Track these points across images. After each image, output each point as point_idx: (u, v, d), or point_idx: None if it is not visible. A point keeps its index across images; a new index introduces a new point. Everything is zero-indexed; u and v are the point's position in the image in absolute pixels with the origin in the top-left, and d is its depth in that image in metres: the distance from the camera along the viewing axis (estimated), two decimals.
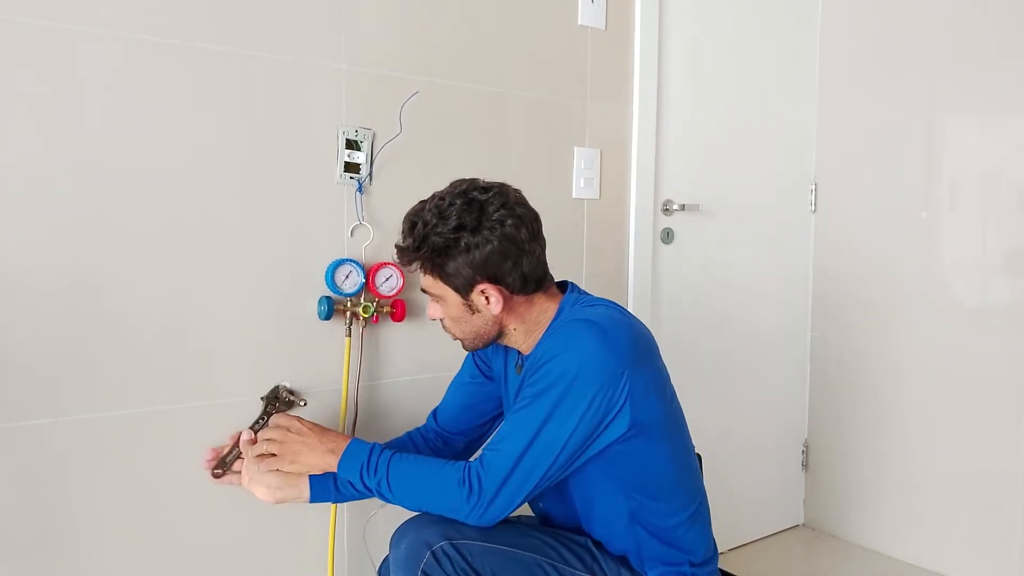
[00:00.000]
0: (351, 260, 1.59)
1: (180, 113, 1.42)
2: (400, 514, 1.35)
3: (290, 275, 1.56)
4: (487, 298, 1.29)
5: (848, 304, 2.49)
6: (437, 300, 1.33)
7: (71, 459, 1.36)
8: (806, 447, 2.62)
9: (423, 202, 1.31)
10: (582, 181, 1.97)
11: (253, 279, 1.52)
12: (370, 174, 1.63)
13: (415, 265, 1.31)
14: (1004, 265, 2.17)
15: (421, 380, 1.73)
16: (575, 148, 1.96)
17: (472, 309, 1.31)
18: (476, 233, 1.25)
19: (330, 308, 1.55)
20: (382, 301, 1.62)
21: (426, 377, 1.74)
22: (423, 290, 1.35)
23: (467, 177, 1.32)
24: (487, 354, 1.50)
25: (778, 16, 2.44)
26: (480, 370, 1.51)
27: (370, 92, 1.62)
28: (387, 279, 1.62)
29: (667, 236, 2.18)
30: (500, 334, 1.35)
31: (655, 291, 2.15)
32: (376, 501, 1.62)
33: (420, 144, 1.69)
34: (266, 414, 1.42)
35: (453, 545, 1.22)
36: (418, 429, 1.57)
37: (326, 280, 1.56)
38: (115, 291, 1.38)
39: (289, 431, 1.32)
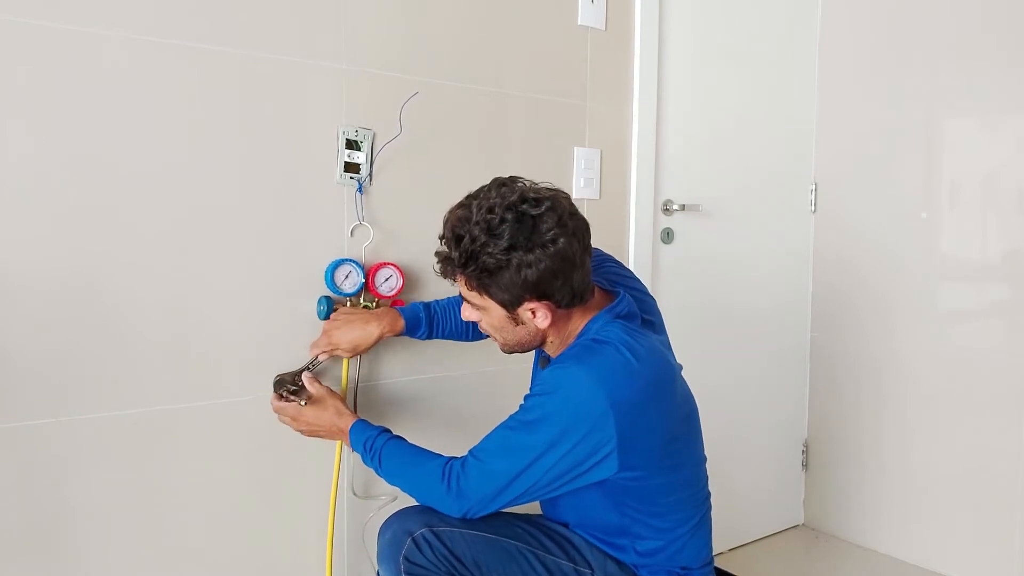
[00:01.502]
0: (351, 260, 1.59)
1: (181, 114, 1.42)
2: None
3: (290, 275, 1.56)
4: (534, 313, 1.26)
5: (848, 304, 2.49)
6: (478, 309, 1.30)
7: (71, 459, 1.36)
8: (806, 447, 2.62)
9: (466, 207, 1.22)
10: (582, 181, 1.97)
11: (253, 279, 1.52)
12: (370, 174, 1.63)
13: (459, 279, 1.27)
14: (1004, 265, 2.17)
15: (419, 380, 1.73)
16: (575, 148, 1.96)
17: (517, 322, 1.28)
18: (529, 252, 1.18)
19: (329, 308, 1.55)
20: (381, 301, 1.61)
21: (424, 378, 1.74)
22: (463, 297, 1.31)
23: (507, 177, 1.25)
24: None
25: (778, 16, 2.44)
26: None
27: (370, 92, 1.62)
28: (387, 279, 1.62)
29: (667, 236, 2.18)
30: (541, 344, 1.35)
31: (655, 291, 2.13)
32: (375, 503, 1.64)
33: (420, 144, 1.69)
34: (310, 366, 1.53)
35: (433, 532, 1.26)
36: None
37: (326, 280, 1.56)
38: (115, 291, 1.38)
39: (302, 421, 1.44)
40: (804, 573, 2.37)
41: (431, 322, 1.56)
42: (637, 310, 1.34)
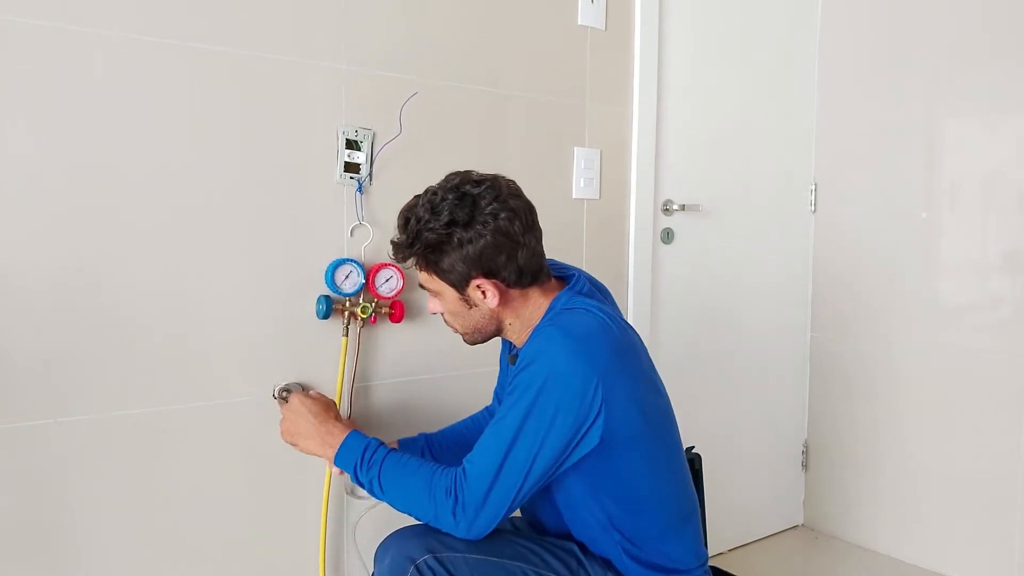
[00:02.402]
0: (352, 260, 1.59)
1: (180, 113, 1.42)
2: (391, 519, 1.35)
3: (290, 275, 1.56)
4: (483, 292, 1.28)
5: (848, 304, 2.49)
6: (435, 295, 1.34)
7: (71, 459, 1.36)
8: (806, 447, 2.62)
9: (417, 197, 1.30)
10: (582, 181, 1.97)
11: (253, 279, 1.52)
12: (370, 174, 1.63)
13: (410, 261, 1.31)
14: (1004, 265, 2.16)
15: (416, 382, 1.73)
16: (575, 148, 1.96)
17: (469, 304, 1.31)
18: (468, 228, 1.24)
19: (328, 307, 1.55)
20: (381, 302, 1.61)
21: (421, 379, 1.74)
22: (421, 285, 1.35)
23: (461, 170, 1.31)
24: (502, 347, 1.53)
25: (778, 16, 2.44)
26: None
27: (370, 92, 1.62)
28: (387, 280, 1.62)
29: (667, 236, 2.18)
30: (499, 329, 1.36)
31: (655, 291, 2.15)
32: (366, 503, 1.64)
33: (420, 144, 1.69)
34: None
35: (436, 559, 1.21)
36: (477, 414, 1.62)
37: (326, 280, 1.56)
38: (115, 291, 1.38)
39: (292, 416, 1.39)
40: (804, 573, 2.37)
41: (429, 447, 1.55)
42: (595, 290, 1.38)
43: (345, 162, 1.59)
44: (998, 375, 2.15)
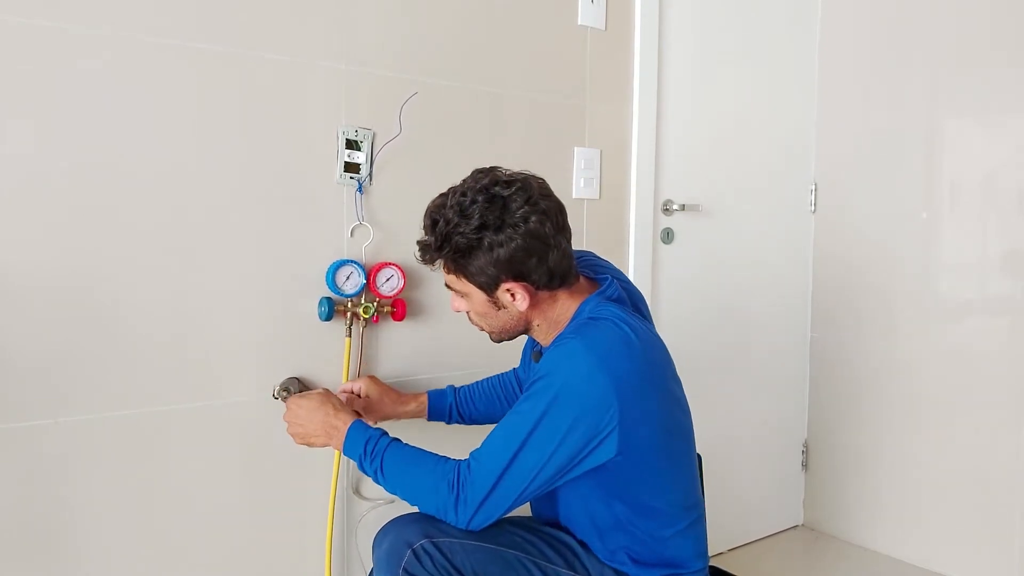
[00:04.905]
0: (352, 261, 1.59)
1: (180, 113, 1.42)
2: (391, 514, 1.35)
3: (290, 275, 1.56)
4: (512, 295, 1.27)
5: (848, 304, 2.49)
6: (461, 295, 1.32)
7: (71, 459, 1.36)
8: (806, 447, 2.62)
9: (444, 196, 1.27)
10: (582, 181, 1.97)
11: (253, 279, 1.52)
12: (370, 174, 1.63)
13: (437, 263, 1.28)
14: (1004, 265, 2.17)
15: (421, 380, 1.73)
16: (575, 148, 1.96)
17: (498, 306, 1.29)
18: (499, 231, 1.21)
19: (330, 309, 1.55)
20: (383, 301, 1.61)
21: (426, 377, 1.74)
22: (447, 285, 1.32)
23: (487, 167, 1.28)
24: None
25: (778, 16, 2.44)
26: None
27: (370, 92, 1.62)
28: (388, 279, 1.62)
29: (667, 236, 2.18)
30: (527, 329, 1.35)
31: (655, 291, 2.15)
32: (368, 504, 1.64)
33: (420, 144, 1.69)
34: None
35: (434, 543, 1.23)
36: (504, 374, 1.64)
37: (327, 281, 1.56)
38: (115, 292, 1.38)
39: (294, 418, 1.38)
40: (804, 573, 2.36)
41: (457, 405, 1.61)
42: (625, 296, 1.35)
43: (345, 162, 1.59)
44: (998, 375, 2.15)
